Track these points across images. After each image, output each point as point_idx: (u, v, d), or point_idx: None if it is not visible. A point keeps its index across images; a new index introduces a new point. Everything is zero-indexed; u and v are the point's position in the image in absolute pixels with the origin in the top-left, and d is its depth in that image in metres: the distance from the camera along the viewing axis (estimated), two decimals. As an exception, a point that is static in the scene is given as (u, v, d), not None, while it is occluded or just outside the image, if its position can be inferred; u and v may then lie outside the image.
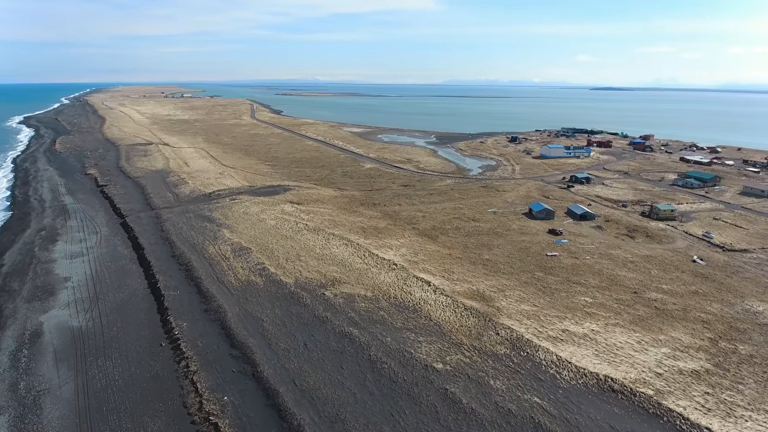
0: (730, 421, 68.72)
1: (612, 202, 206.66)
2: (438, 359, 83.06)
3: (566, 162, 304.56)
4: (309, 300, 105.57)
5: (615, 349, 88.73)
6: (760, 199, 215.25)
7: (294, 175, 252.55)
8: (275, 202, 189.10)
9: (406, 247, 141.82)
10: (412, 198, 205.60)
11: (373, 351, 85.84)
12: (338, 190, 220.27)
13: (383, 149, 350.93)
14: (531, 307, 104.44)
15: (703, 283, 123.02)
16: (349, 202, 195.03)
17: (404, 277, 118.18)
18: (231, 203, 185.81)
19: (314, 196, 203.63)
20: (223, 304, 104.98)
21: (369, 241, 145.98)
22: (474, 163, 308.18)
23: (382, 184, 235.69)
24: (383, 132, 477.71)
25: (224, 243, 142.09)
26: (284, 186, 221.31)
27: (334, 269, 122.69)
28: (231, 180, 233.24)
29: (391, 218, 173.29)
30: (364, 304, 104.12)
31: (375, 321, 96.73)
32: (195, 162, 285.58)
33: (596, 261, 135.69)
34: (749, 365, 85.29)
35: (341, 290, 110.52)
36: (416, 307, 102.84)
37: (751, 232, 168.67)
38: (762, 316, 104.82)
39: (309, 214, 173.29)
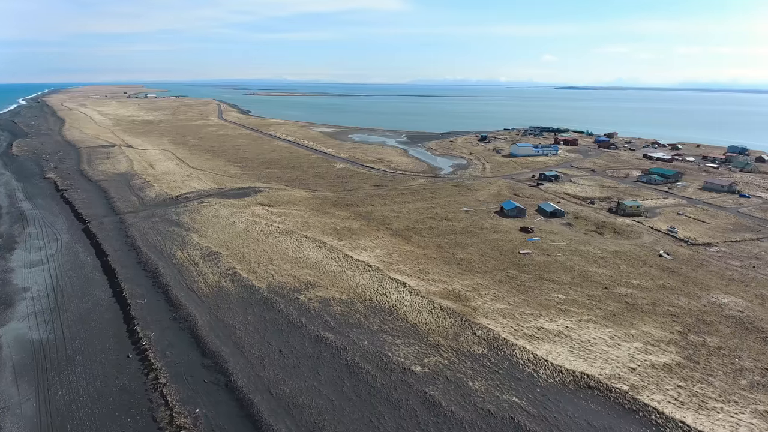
0: (703, 414, 70.23)
1: (580, 199, 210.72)
2: (416, 362, 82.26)
3: (535, 160, 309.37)
4: (283, 305, 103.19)
5: (589, 346, 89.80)
6: (720, 194, 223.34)
7: (264, 177, 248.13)
8: (245, 205, 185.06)
9: (380, 248, 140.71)
10: (385, 198, 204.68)
11: (350, 356, 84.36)
12: (310, 191, 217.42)
13: (354, 149, 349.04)
14: (506, 306, 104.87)
15: (670, 277, 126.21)
16: (321, 203, 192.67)
17: (379, 278, 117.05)
18: (199, 206, 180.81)
19: (285, 197, 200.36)
20: (193, 312, 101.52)
21: (343, 242, 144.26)
22: (445, 162, 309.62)
23: (354, 184, 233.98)
24: (354, 132, 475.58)
25: (193, 248, 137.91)
26: (254, 188, 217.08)
27: (307, 272, 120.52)
28: (199, 182, 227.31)
29: (365, 219, 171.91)
30: (340, 307, 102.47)
31: (351, 325, 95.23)
32: (161, 164, 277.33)
33: (567, 257, 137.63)
34: (718, 357, 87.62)
35: (316, 294, 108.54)
36: (392, 309, 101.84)
37: (713, 226, 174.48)
38: (727, 308, 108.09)
39: (281, 216, 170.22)
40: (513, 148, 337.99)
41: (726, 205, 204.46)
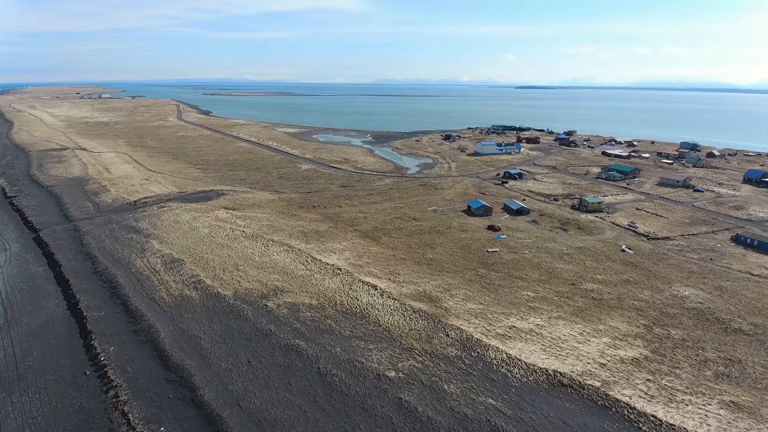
0: (673, 407, 71.61)
1: (544, 197, 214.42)
2: (390, 367, 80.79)
3: (499, 158, 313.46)
4: (250, 312, 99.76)
5: (560, 343, 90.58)
6: (676, 188, 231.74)
7: (227, 179, 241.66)
8: (208, 209, 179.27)
9: (349, 250, 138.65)
10: (352, 199, 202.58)
11: (322, 363, 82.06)
12: (275, 193, 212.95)
13: (319, 149, 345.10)
14: (477, 306, 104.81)
15: (633, 271, 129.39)
16: (287, 206, 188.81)
17: (350, 282, 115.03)
18: (159, 211, 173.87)
19: (250, 200, 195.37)
20: (154, 324, 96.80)
21: (311, 245, 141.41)
22: (411, 161, 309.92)
23: (320, 185, 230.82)
24: (318, 132, 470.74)
25: (153, 255, 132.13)
26: (217, 191, 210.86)
27: (275, 278, 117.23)
28: (158, 186, 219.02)
29: (332, 220, 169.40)
30: (310, 313, 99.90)
31: (322, 331, 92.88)
32: (117, 167, 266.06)
33: (534, 255, 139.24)
34: (683, 349, 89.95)
35: (284, 300, 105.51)
36: (364, 312, 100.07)
37: (670, 220, 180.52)
38: (689, 300, 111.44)
39: (245, 220, 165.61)
40: (477, 146, 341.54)
41: (681, 199, 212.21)
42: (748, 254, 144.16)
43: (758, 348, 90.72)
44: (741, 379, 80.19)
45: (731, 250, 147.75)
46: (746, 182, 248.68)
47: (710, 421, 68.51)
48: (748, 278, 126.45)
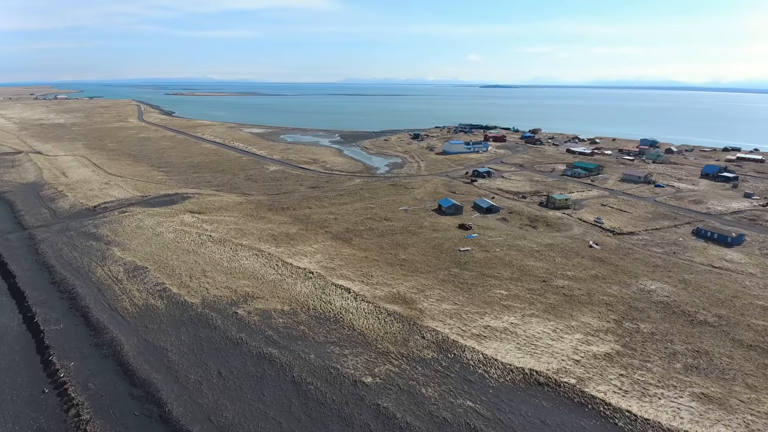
0: (646, 401, 72.69)
1: (513, 194, 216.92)
2: (366, 372, 79.16)
3: (467, 157, 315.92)
4: (220, 321, 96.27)
5: (534, 341, 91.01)
6: (638, 184, 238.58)
7: (192, 182, 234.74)
8: (173, 213, 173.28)
9: (321, 253, 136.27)
10: (322, 200, 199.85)
11: (296, 371, 79.70)
12: (243, 195, 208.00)
13: (287, 150, 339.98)
14: (452, 306, 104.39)
15: (601, 266, 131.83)
16: (255, 208, 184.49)
17: (322, 285, 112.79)
18: (121, 217, 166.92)
19: (217, 203, 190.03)
20: (117, 336, 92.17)
21: (281, 249, 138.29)
22: (380, 161, 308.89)
23: (289, 186, 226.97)
24: (286, 132, 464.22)
25: (115, 263, 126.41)
26: (182, 194, 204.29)
27: (245, 283, 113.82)
28: (119, 190, 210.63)
29: (302, 223, 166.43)
30: (282, 319, 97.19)
31: (295, 337, 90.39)
32: (75, 171, 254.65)
33: (506, 253, 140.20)
34: (652, 343, 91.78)
35: (255, 306, 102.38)
36: (338, 317, 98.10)
37: (634, 215, 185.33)
38: (655, 294, 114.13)
39: (212, 224, 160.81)
40: (446, 145, 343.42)
41: (644, 195, 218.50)
42: (708, 247, 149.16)
43: (723, 339, 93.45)
44: (709, 371, 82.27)
45: (693, 244, 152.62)
46: (704, 177, 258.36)
47: (683, 414, 69.80)
48: (710, 271, 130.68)
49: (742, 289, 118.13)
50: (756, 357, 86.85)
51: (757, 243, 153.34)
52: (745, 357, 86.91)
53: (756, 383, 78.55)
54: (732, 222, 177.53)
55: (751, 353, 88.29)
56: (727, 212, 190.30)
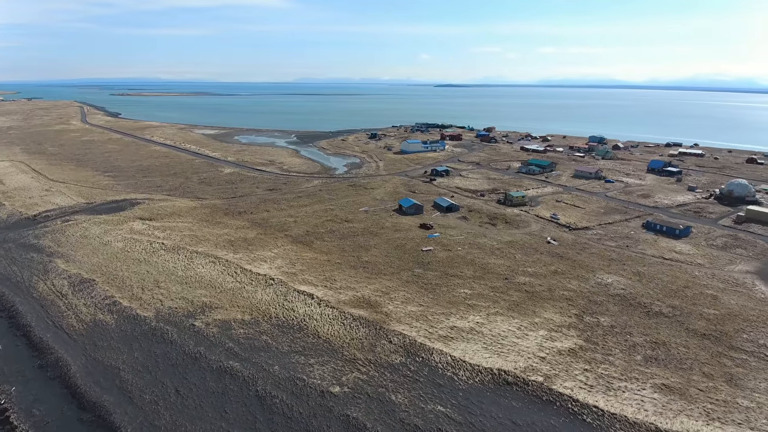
0: (611, 395, 73.93)
1: (471, 192, 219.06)
2: (334, 381, 76.70)
3: (425, 156, 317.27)
4: (176, 334, 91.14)
5: (501, 340, 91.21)
6: (589, 180, 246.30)
7: (142, 186, 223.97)
8: (121, 220, 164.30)
9: (281, 258, 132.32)
10: (280, 202, 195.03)
11: (260, 385, 76.21)
12: (196, 199, 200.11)
13: (242, 151, 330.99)
14: (417, 308, 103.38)
15: (560, 262, 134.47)
16: (210, 213, 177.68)
17: (284, 292, 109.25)
18: (64, 226, 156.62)
19: (169, 208, 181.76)
20: (63, 356, 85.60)
21: (239, 255, 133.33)
22: (339, 161, 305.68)
23: (245, 189, 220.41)
24: (240, 133, 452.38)
25: (59, 276, 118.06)
26: (131, 200, 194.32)
27: (202, 293, 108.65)
28: (62, 197, 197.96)
29: (261, 227, 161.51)
30: (243, 329, 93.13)
31: (258, 348, 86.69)
32: (12, 178, 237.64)
33: (467, 251, 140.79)
34: (612, 336, 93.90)
35: (214, 317, 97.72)
36: (301, 324, 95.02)
37: (587, 210, 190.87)
38: (612, 287, 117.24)
39: (165, 231, 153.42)
40: (403, 144, 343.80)
41: (595, 190, 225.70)
42: (658, 239, 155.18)
43: (678, 329, 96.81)
44: (668, 361, 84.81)
45: (644, 237, 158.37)
46: (650, 172, 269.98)
47: (647, 406, 71.36)
48: (661, 262, 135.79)
49: (692, 279, 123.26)
50: (710, 345, 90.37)
51: (703, 234, 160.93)
52: (700, 346, 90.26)
53: (712, 371, 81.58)
54: (678, 215, 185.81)
55: (705, 342, 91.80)
56: (673, 205, 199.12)
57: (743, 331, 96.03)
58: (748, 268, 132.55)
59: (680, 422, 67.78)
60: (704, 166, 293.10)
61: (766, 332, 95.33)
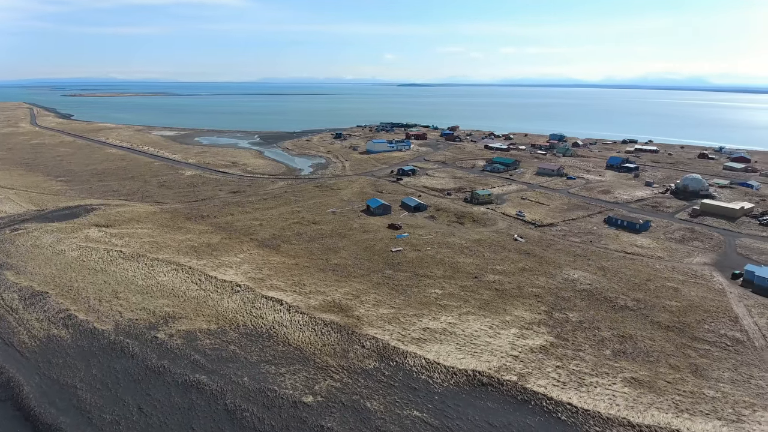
0: (584, 391, 74.65)
1: (438, 192, 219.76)
2: (306, 391, 74.42)
3: (391, 155, 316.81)
4: (137, 348, 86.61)
5: (473, 339, 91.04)
6: (552, 177, 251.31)
7: (97, 191, 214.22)
8: (76, 228, 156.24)
9: (247, 263, 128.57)
10: (245, 205, 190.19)
11: (229, 398, 73.12)
12: (156, 204, 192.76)
13: (204, 153, 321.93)
14: (389, 310, 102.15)
15: (527, 259, 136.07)
16: (171, 218, 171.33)
17: (251, 298, 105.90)
18: (13, 235, 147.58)
19: (127, 214, 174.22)
20: (15, 375, 79.91)
21: (203, 261, 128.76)
22: (304, 162, 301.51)
23: (207, 192, 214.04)
24: (201, 134, 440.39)
25: (8, 290, 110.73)
26: (86, 206, 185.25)
27: (164, 303, 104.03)
28: (10, 205, 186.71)
29: (225, 231, 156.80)
30: (209, 340, 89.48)
31: (226, 359, 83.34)
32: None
33: (437, 251, 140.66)
34: (581, 331, 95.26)
35: (178, 328, 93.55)
36: (271, 332, 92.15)
37: (551, 207, 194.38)
38: (578, 282, 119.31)
39: (123, 238, 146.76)
40: (369, 144, 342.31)
41: (557, 187, 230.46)
42: (620, 234, 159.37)
43: (643, 322, 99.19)
44: (635, 354, 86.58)
45: (606, 232, 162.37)
46: (609, 168, 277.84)
47: (618, 401, 72.41)
48: (624, 257, 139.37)
49: (653, 272, 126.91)
50: (674, 337, 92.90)
51: (662, 228, 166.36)
52: (665, 338, 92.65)
53: (678, 363, 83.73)
54: (637, 209, 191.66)
55: (669, 334, 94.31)
56: (632, 200, 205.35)
57: (704, 321, 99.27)
58: (706, 260, 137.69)
59: (651, 415, 69.03)
60: (659, 162, 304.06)
61: (726, 322, 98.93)
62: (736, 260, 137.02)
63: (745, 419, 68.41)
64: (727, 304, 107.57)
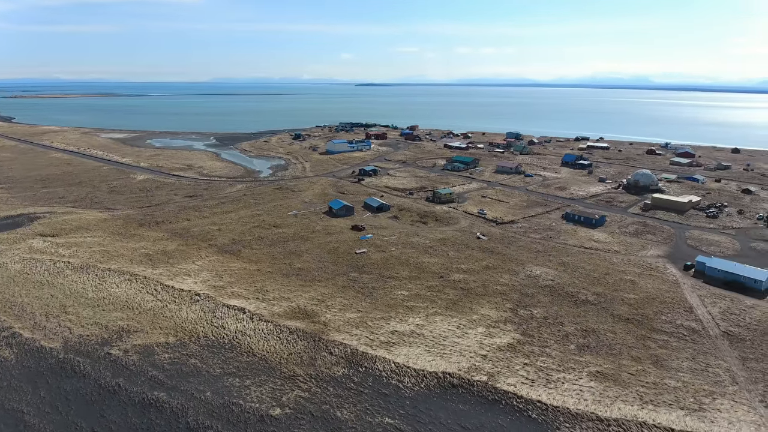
0: (552, 388, 75.36)
1: (400, 191, 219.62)
2: (273, 403, 71.66)
3: (351, 156, 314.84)
4: (89, 366, 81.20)
5: (442, 340, 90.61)
6: (510, 175, 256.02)
7: (42, 199, 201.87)
8: (18, 238, 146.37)
9: (206, 270, 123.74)
10: (202, 210, 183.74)
11: (191, 416, 69.40)
12: (107, 210, 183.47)
13: (157, 156, 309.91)
14: (356, 314, 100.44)
15: (491, 257, 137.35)
16: (124, 225, 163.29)
17: (212, 308, 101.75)
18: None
19: (74, 222, 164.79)
20: (-51, 403, 73.41)
21: (159, 270, 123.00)
22: (263, 163, 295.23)
23: (162, 197, 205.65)
24: (153, 136, 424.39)
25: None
26: (29, 214, 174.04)
27: (118, 316, 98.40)
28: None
29: (182, 237, 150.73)
30: (168, 354, 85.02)
31: (186, 374, 79.31)
32: None
33: (401, 251, 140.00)
34: (546, 327, 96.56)
35: (133, 342, 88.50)
36: (234, 342, 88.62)
37: (511, 204, 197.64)
38: (541, 278, 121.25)
39: (71, 248, 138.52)
40: (329, 145, 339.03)
41: (516, 184, 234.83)
42: (578, 229, 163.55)
43: (605, 316, 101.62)
44: (598, 348, 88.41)
45: (564, 227, 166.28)
46: (564, 165, 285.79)
47: (586, 395, 73.47)
48: (582, 251, 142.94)
49: (611, 266, 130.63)
50: (634, 329, 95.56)
51: (616, 222, 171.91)
52: (626, 330, 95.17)
53: (639, 354, 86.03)
54: (593, 205, 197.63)
55: (629, 326, 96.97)
56: (587, 196, 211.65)
57: (662, 313, 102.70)
58: (659, 252, 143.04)
59: (618, 408, 70.38)
60: (610, 158, 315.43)
61: (682, 313, 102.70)
62: (687, 252, 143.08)
63: (706, 407, 70.83)
64: (682, 295, 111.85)
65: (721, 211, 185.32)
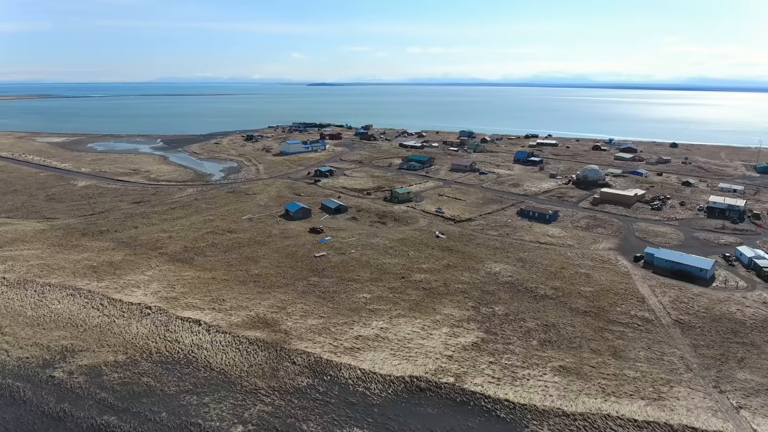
0: (518, 385, 75.81)
1: (357, 192, 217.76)
2: (235, 420, 68.24)
3: (306, 156, 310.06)
4: (30, 391, 74.69)
5: (407, 343, 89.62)
6: (465, 173, 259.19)
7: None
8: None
9: (157, 281, 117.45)
10: (150, 216, 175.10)
11: (146, 439, 65.16)
12: (45, 220, 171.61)
13: (99, 161, 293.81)
14: (318, 320, 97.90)
15: (451, 255, 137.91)
16: (64, 235, 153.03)
17: (164, 321, 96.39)
18: None
19: (9, 234, 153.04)
20: None
21: (105, 283, 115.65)
22: (214, 166, 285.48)
23: (106, 204, 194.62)
24: (94, 139, 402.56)
25: None
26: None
27: (60, 335, 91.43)
28: None
29: (129, 246, 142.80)
30: (118, 373, 79.49)
31: (138, 394, 74.30)
32: None
33: (361, 253, 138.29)
34: (508, 323, 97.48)
35: (78, 363, 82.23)
36: (189, 357, 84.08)
37: (468, 202, 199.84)
38: (500, 275, 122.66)
39: (6, 262, 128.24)
40: (283, 146, 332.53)
41: (471, 182, 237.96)
42: (533, 225, 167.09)
43: (563, 310, 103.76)
44: (560, 342, 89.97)
45: (520, 224, 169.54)
46: (516, 162, 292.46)
47: (551, 391, 74.31)
48: (538, 247, 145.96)
49: (566, 260, 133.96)
50: (592, 322, 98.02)
51: (569, 217, 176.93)
52: (584, 323, 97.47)
53: (598, 347, 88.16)
54: (545, 200, 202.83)
55: (587, 319, 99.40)
56: (540, 192, 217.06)
57: (616, 304, 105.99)
58: (610, 245, 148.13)
59: (582, 402, 71.54)
60: (559, 155, 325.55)
61: (635, 303, 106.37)
62: (636, 243, 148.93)
63: (665, 396, 73.17)
64: (634, 286, 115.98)
65: (664, 203, 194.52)
